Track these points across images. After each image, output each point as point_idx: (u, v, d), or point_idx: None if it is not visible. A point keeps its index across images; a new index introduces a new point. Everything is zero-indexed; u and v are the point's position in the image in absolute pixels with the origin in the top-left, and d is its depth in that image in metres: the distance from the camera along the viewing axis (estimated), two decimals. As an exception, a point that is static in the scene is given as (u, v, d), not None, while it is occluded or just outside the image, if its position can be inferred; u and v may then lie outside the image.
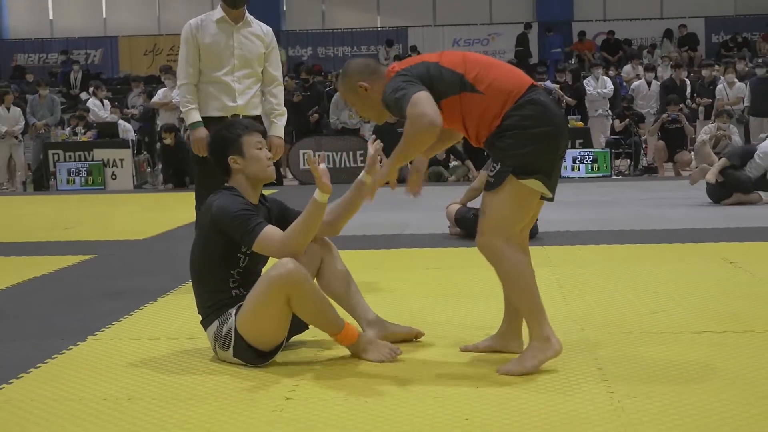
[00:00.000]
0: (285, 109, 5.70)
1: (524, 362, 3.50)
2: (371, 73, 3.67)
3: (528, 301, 3.55)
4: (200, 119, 5.43)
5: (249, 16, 5.57)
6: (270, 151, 5.52)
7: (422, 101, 3.39)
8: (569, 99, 15.90)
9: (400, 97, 3.44)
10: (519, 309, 3.65)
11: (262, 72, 5.60)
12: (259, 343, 3.69)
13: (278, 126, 5.60)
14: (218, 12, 5.52)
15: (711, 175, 9.71)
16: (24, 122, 16.02)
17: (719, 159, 10.34)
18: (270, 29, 5.67)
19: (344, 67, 3.82)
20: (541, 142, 3.48)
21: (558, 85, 16.18)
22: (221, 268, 3.79)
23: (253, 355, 3.72)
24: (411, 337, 4.01)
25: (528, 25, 23.22)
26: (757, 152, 9.77)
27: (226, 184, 3.91)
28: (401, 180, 3.72)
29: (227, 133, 3.91)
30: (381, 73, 3.67)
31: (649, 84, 16.33)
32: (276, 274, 3.57)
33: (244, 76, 5.49)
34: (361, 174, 3.86)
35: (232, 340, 3.71)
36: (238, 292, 3.80)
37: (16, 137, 15.87)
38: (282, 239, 3.67)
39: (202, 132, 5.36)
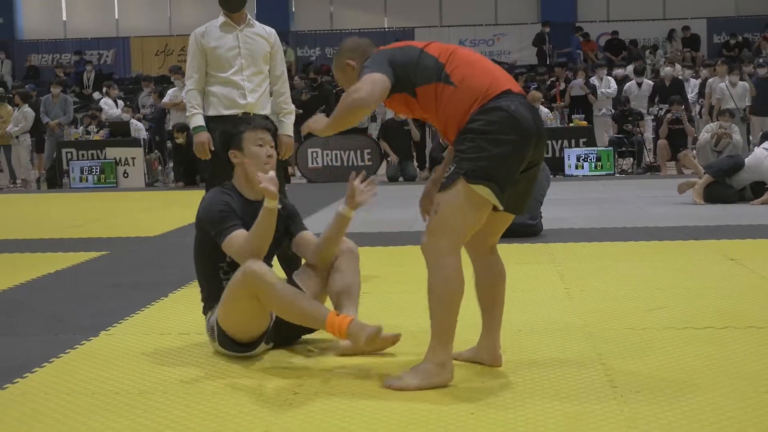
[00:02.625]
0: (293, 107, 5.76)
1: (410, 380, 3.27)
2: (361, 54, 3.58)
3: (443, 321, 3.29)
4: (203, 123, 5.50)
5: (251, 19, 5.64)
6: (278, 150, 5.57)
7: (368, 80, 3.30)
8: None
9: (362, 72, 3.37)
10: (431, 323, 3.33)
11: (269, 71, 5.65)
12: (238, 335, 3.72)
13: (287, 124, 5.65)
14: (221, 18, 5.60)
15: (697, 197, 9.63)
16: (25, 123, 16.00)
17: (720, 156, 10.30)
18: (273, 30, 5.72)
19: (339, 46, 3.76)
20: (500, 149, 3.23)
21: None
22: (210, 261, 3.86)
23: (235, 347, 3.75)
24: (388, 344, 3.75)
25: (546, 23, 23.15)
26: (745, 167, 9.67)
27: (226, 182, 3.95)
28: (410, 178, 3.70)
29: (233, 128, 3.97)
30: (369, 54, 3.55)
31: (639, 85, 16.33)
32: (238, 273, 3.61)
33: (252, 74, 5.53)
34: (341, 206, 3.82)
35: (216, 332, 3.77)
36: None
37: (16, 137, 15.90)
38: (240, 244, 3.69)
39: (204, 136, 5.43)
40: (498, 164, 3.24)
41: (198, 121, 5.49)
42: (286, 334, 3.87)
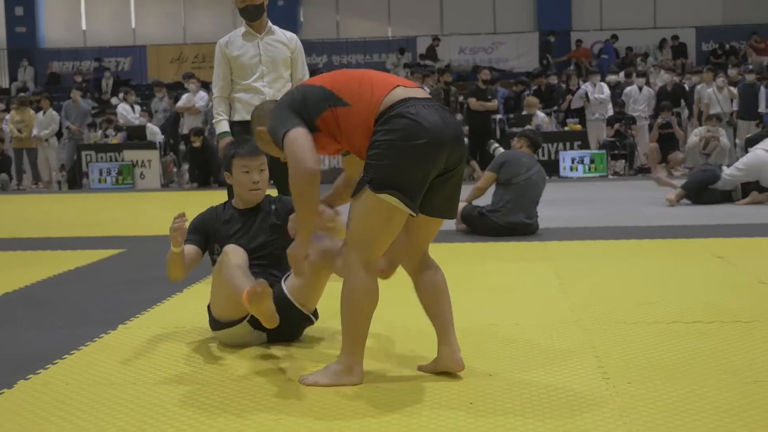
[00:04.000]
0: None
1: (321, 378, 3.26)
2: (265, 116, 3.41)
3: (352, 328, 3.22)
4: (228, 129, 5.56)
5: (272, 26, 5.66)
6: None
7: (295, 142, 3.14)
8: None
9: (278, 134, 3.20)
10: (342, 329, 3.27)
11: (290, 75, 5.69)
12: (220, 316, 3.86)
13: None
14: (243, 28, 5.63)
15: (669, 203, 9.45)
16: (54, 126, 16.11)
17: (708, 159, 10.27)
18: (294, 36, 5.77)
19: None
20: (404, 156, 3.06)
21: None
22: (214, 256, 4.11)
23: (218, 326, 3.90)
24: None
25: (551, 32, 23.09)
26: (744, 167, 9.58)
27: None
28: None
29: (227, 150, 4.20)
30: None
31: (640, 89, 16.30)
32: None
33: (273, 80, 5.57)
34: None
35: (209, 314, 3.97)
36: None
37: (46, 140, 15.98)
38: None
39: (229, 141, 5.43)
40: (403, 171, 3.08)
41: (223, 127, 5.56)
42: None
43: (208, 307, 3.97)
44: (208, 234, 4.10)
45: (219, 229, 4.08)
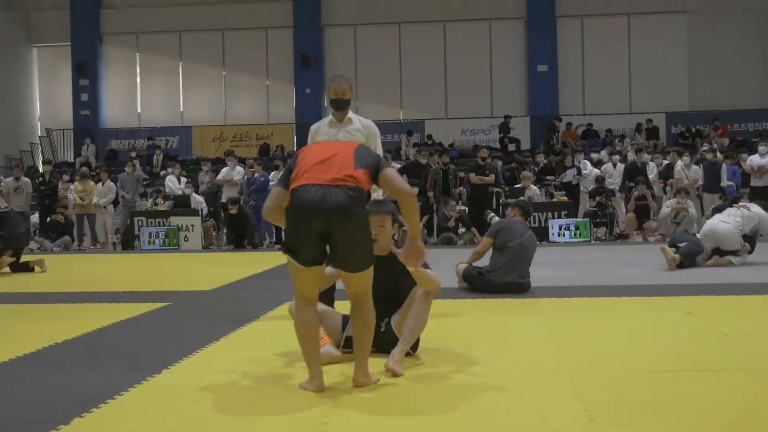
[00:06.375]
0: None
1: (302, 384, 3.82)
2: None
3: (301, 348, 3.83)
4: None
5: (352, 116, 5.87)
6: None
7: (268, 198, 3.98)
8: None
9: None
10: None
11: None
12: None
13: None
14: (329, 117, 5.91)
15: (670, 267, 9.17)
16: (111, 195, 16.30)
17: (678, 228, 10.12)
18: (369, 122, 5.93)
19: None
20: (288, 228, 3.74)
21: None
22: None
23: None
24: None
25: (558, 118, 23.24)
26: (702, 237, 9.55)
27: None
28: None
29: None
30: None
31: (614, 165, 16.44)
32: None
33: None
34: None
35: None
36: None
37: (104, 207, 16.13)
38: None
39: None
40: (289, 239, 3.74)
41: None
42: None
43: None
44: None
45: None
